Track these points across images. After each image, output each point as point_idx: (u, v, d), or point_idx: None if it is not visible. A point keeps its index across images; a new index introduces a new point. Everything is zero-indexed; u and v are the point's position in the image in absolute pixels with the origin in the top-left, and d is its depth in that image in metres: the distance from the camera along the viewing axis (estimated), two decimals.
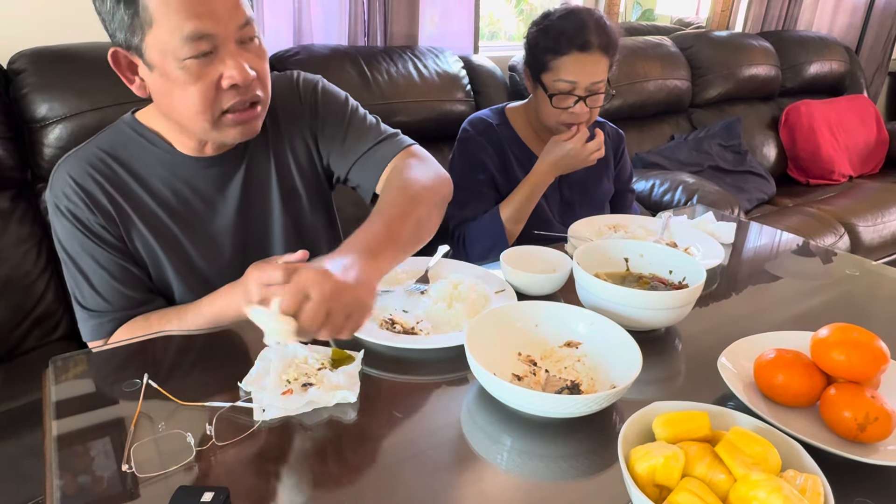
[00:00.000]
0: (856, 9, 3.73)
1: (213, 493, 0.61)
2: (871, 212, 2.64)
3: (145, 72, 0.90)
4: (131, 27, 0.85)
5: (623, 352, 0.82)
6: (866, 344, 0.75)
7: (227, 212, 1.05)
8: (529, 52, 1.44)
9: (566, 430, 0.76)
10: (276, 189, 1.08)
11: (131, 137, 1.01)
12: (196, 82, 0.86)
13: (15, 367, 1.45)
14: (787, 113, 3.15)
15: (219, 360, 0.90)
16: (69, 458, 0.68)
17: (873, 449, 0.72)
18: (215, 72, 0.87)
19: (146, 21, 0.83)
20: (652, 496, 0.57)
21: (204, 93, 0.87)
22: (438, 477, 0.69)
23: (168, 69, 0.86)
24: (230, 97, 0.89)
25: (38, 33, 1.66)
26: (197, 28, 0.83)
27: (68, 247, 0.98)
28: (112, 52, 0.89)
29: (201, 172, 1.02)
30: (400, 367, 0.87)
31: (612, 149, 1.65)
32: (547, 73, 1.39)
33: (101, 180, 0.98)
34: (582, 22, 1.35)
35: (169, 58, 0.85)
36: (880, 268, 1.30)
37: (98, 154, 0.99)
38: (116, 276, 0.99)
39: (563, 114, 1.41)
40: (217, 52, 0.87)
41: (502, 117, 1.54)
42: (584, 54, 1.35)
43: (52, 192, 0.98)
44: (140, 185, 1.00)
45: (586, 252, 1.06)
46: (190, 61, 0.85)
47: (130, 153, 1.00)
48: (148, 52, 0.86)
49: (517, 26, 3.34)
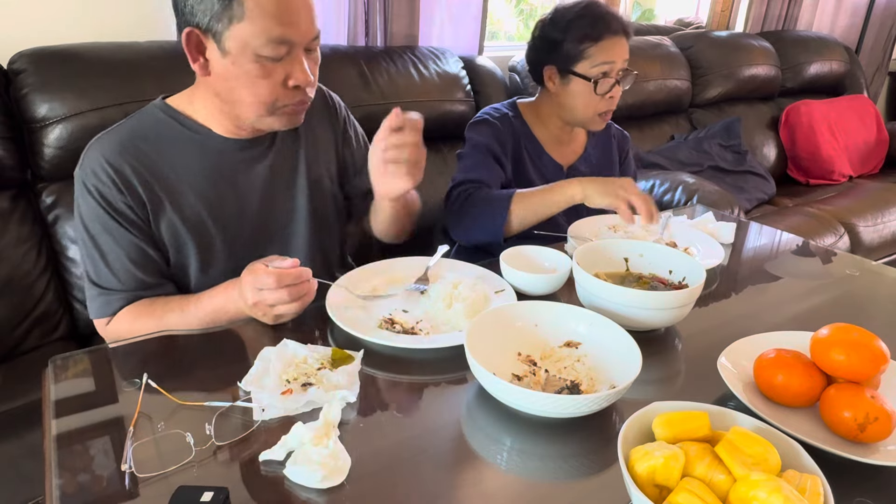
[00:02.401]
0: (856, 9, 3.73)
1: (213, 493, 0.61)
2: (871, 212, 2.64)
3: (215, 56, 0.96)
4: (219, 15, 0.92)
5: (623, 352, 0.82)
6: (866, 344, 0.75)
7: (253, 195, 1.11)
8: (554, 50, 1.43)
9: (566, 430, 0.76)
10: (303, 177, 1.16)
11: (163, 120, 1.06)
12: (266, 78, 0.96)
13: (15, 367, 1.45)
14: (787, 113, 3.15)
15: (219, 360, 0.90)
16: (69, 457, 0.68)
17: (873, 449, 0.72)
18: (283, 72, 0.97)
19: (237, 15, 0.92)
20: (652, 496, 0.57)
21: (271, 88, 0.97)
22: (438, 477, 0.69)
23: (243, 60, 0.94)
24: (290, 95, 1.00)
25: (38, 33, 1.66)
26: (283, 34, 0.94)
27: (90, 225, 1.02)
28: (188, 31, 0.95)
29: (232, 154, 1.09)
30: (400, 367, 0.87)
31: (617, 150, 1.66)
32: (583, 62, 1.40)
33: (133, 162, 1.02)
34: (602, 10, 1.40)
35: (248, 51, 0.94)
36: (880, 268, 1.30)
37: (131, 136, 1.03)
38: (133, 256, 1.02)
39: (602, 102, 1.43)
40: (289, 55, 0.97)
41: (515, 109, 1.55)
42: (616, 37, 1.40)
43: (82, 170, 1.02)
44: (171, 168, 1.04)
45: (586, 252, 1.06)
46: (266, 59, 0.95)
47: (163, 136, 1.05)
48: (228, 40, 0.93)
49: (517, 26, 3.34)
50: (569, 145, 1.58)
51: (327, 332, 0.95)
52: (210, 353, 0.92)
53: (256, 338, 0.92)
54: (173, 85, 1.59)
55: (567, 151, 1.58)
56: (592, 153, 1.60)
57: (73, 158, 1.52)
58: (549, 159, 1.54)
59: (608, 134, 1.64)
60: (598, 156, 1.61)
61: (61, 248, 1.56)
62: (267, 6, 0.91)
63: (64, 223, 1.55)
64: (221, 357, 0.91)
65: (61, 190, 1.56)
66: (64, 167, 1.55)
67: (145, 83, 1.57)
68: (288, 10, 0.93)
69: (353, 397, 0.78)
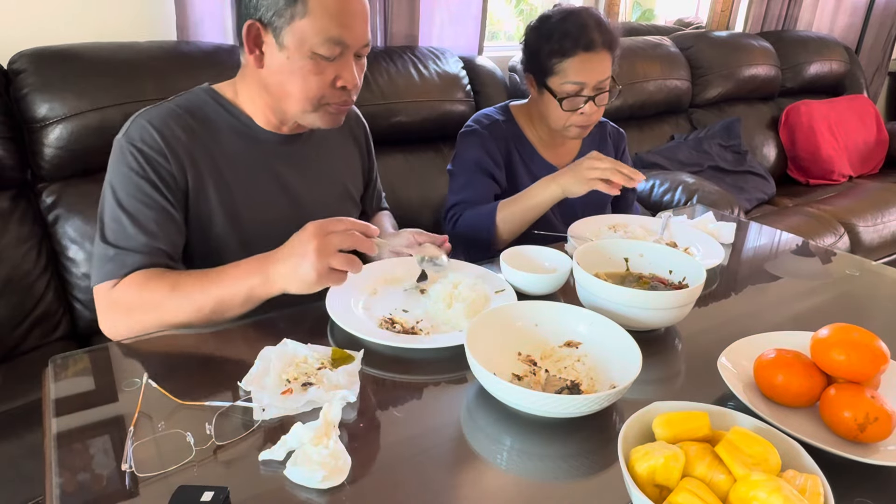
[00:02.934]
0: (856, 9, 3.73)
1: (213, 493, 0.61)
2: (871, 212, 2.64)
3: (271, 49, 1.00)
4: (282, 11, 0.97)
5: (623, 352, 0.82)
6: (866, 344, 0.75)
7: (286, 188, 1.14)
8: (531, 59, 1.42)
9: (566, 430, 0.76)
10: (330, 179, 1.21)
11: (209, 103, 1.10)
12: (318, 75, 1.01)
13: (15, 367, 1.45)
14: (787, 113, 3.15)
15: (219, 359, 0.90)
16: (69, 456, 0.68)
17: (873, 449, 0.72)
18: (333, 72, 1.02)
19: (300, 12, 0.97)
20: (652, 496, 0.57)
21: (320, 85, 1.02)
22: (438, 477, 0.69)
23: (297, 56, 0.99)
24: (336, 95, 1.04)
25: (38, 33, 1.66)
26: (341, 36, 0.99)
27: (123, 188, 1.00)
28: (249, 24, 1.00)
29: (272, 147, 1.12)
30: (400, 366, 0.87)
31: (613, 148, 1.65)
32: (553, 77, 1.37)
33: (181, 135, 1.04)
34: (582, 21, 1.35)
35: (304, 47, 0.98)
36: (880, 268, 1.30)
37: (179, 112, 1.06)
38: (160, 222, 1.01)
39: (574, 116, 1.39)
40: (341, 56, 1.01)
41: (507, 114, 1.54)
42: (590, 53, 1.34)
43: (127, 135, 1.02)
44: (216, 148, 1.07)
45: (586, 252, 1.06)
46: (321, 57, 0.99)
47: (209, 117, 1.09)
48: (286, 35, 0.98)
49: (517, 26, 3.34)
50: (563, 146, 1.57)
51: (327, 332, 0.95)
52: (210, 353, 0.92)
53: (256, 338, 0.92)
54: (173, 85, 1.61)
55: (561, 152, 1.56)
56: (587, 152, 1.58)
57: (74, 158, 1.54)
58: (543, 162, 1.53)
59: (603, 132, 1.63)
60: None
61: (61, 248, 1.56)
62: (330, 7, 0.97)
63: (64, 223, 1.55)
64: (221, 357, 0.91)
65: (61, 190, 1.56)
66: (64, 167, 1.55)
67: (145, 83, 1.57)
68: (348, 14, 0.99)
69: (353, 397, 0.78)
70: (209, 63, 1.69)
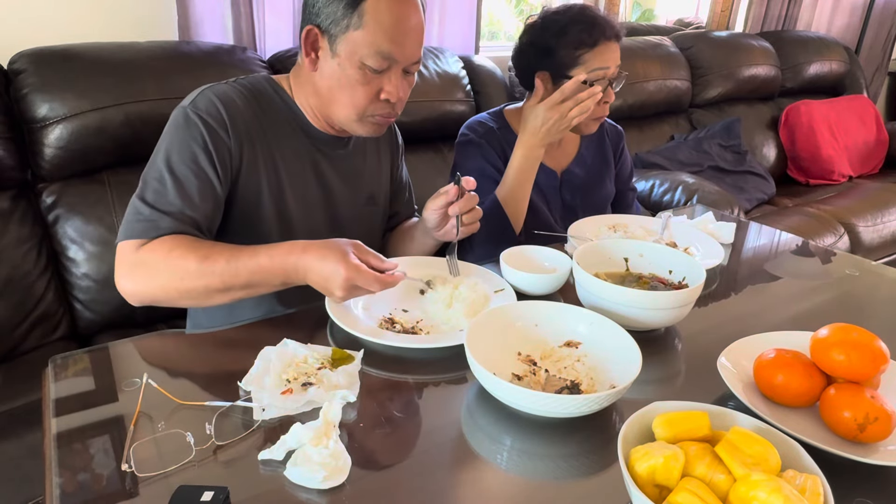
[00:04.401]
0: (855, 9, 3.73)
1: (213, 493, 0.61)
2: (871, 212, 2.65)
3: (325, 55, 1.04)
4: (339, 21, 1.00)
5: (623, 352, 0.82)
6: (866, 344, 0.75)
7: (326, 186, 1.17)
8: (544, 56, 1.40)
9: (566, 430, 0.76)
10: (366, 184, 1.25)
11: (269, 91, 1.13)
12: (364, 86, 1.04)
13: (15, 367, 1.45)
14: (786, 113, 3.15)
15: (219, 359, 0.90)
16: (69, 456, 0.68)
17: (873, 449, 0.72)
18: (379, 84, 1.05)
19: (355, 24, 1.00)
20: (652, 496, 0.57)
21: (365, 96, 1.05)
22: (438, 477, 0.69)
23: (347, 65, 1.03)
24: (381, 107, 1.08)
25: (38, 33, 1.66)
26: (391, 51, 1.02)
27: (178, 151, 1.01)
28: (308, 28, 1.04)
29: (320, 144, 1.16)
30: (400, 366, 0.87)
31: (612, 147, 1.64)
32: (578, 68, 1.38)
33: (244, 112, 1.06)
34: (592, 14, 1.39)
35: (354, 58, 1.02)
36: (880, 268, 1.30)
37: (244, 92, 1.09)
38: (203, 193, 1.00)
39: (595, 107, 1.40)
40: (388, 70, 1.05)
41: (501, 120, 1.53)
42: (611, 42, 1.39)
43: (193, 104, 1.04)
44: (273, 135, 1.10)
45: (586, 252, 1.06)
46: (369, 69, 1.03)
47: (270, 105, 1.12)
48: (340, 44, 1.02)
49: (517, 26, 3.34)
50: (560, 148, 1.55)
51: (327, 332, 0.95)
52: (210, 353, 0.92)
53: (256, 338, 0.92)
54: (173, 85, 1.61)
55: (559, 155, 1.55)
56: (586, 154, 1.58)
57: (74, 158, 1.54)
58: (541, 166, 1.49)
59: (601, 132, 1.62)
60: (593, 156, 1.59)
61: (61, 248, 1.56)
62: (384, 22, 1.00)
63: (64, 223, 1.55)
64: (221, 357, 0.91)
65: (61, 190, 1.56)
66: (64, 167, 1.55)
67: (145, 83, 1.57)
68: (400, 30, 1.02)
69: (353, 397, 0.78)
70: (209, 63, 1.69)
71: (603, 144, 1.62)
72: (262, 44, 1.99)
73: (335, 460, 0.66)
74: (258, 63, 1.81)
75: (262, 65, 1.82)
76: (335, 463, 0.66)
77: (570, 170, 1.55)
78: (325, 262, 0.90)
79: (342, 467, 0.67)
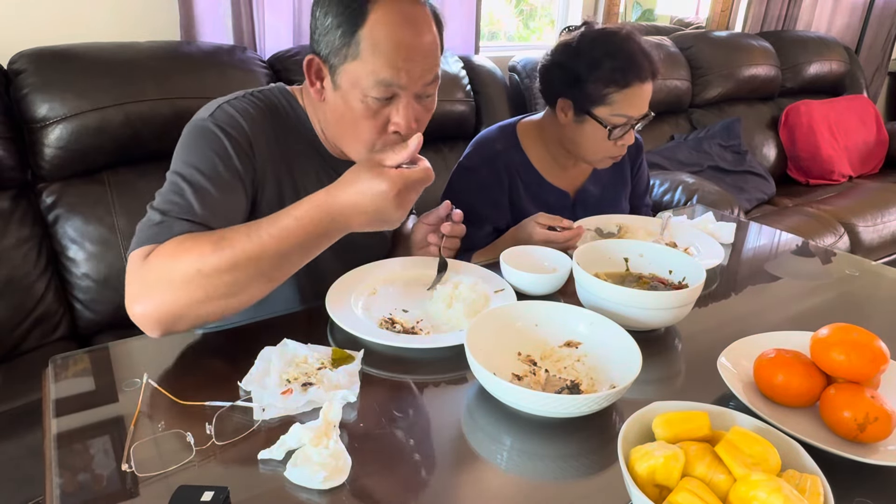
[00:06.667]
0: (855, 9, 3.73)
1: (213, 493, 0.61)
2: (871, 212, 2.65)
3: (329, 87, 0.99)
4: (338, 51, 0.94)
5: (623, 352, 0.82)
6: (866, 344, 0.75)
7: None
8: (571, 84, 1.30)
9: (566, 430, 0.76)
10: None
11: (285, 108, 1.08)
12: (370, 119, 0.97)
13: (15, 367, 1.45)
14: (786, 113, 3.15)
15: (219, 359, 0.90)
16: (69, 456, 0.69)
17: (873, 449, 0.72)
18: (387, 115, 0.97)
19: (353, 53, 0.93)
20: (652, 496, 0.57)
21: (373, 130, 0.98)
22: (438, 477, 0.69)
23: (350, 98, 0.96)
24: (392, 139, 0.99)
25: (38, 33, 1.66)
26: (391, 78, 0.93)
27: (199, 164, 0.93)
28: (309, 58, 0.99)
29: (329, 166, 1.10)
30: (400, 366, 0.87)
31: (630, 161, 1.54)
32: (604, 107, 1.29)
33: (263, 128, 1.01)
34: (636, 50, 1.28)
35: (356, 90, 0.94)
36: (880, 268, 1.30)
37: (262, 106, 1.03)
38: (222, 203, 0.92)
39: (613, 147, 1.33)
40: (396, 98, 0.96)
41: (512, 139, 1.43)
42: (644, 84, 1.30)
43: (214, 118, 0.97)
44: (289, 155, 1.05)
45: (586, 252, 1.06)
46: (372, 100, 0.95)
47: (286, 122, 1.07)
48: (340, 75, 0.95)
49: (517, 26, 3.34)
50: (574, 168, 1.47)
51: (327, 332, 0.95)
52: (210, 353, 0.92)
53: (256, 338, 0.92)
54: (173, 85, 1.61)
55: (572, 175, 1.48)
56: (603, 172, 1.49)
57: (74, 158, 1.54)
58: (551, 187, 1.44)
59: None
60: (609, 174, 1.51)
61: (61, 249, 1.56)
62: (381, 49, 0.92)
63: (64, 223, 1.55)
64: (221, 357, 0.91)
65: (61, 190, 1.56)
66: (64, 167, 1.55)
67: (145, 83, 1.57)
68: (402, 55, 0.92)
69: (353, 397, 0.78)
70: (209, 63, 1.69)
71: (621, 160, 1.47)
72: (262, 44, 1.99)
73: (335, 460, 0.66)
74: (258, 63, 1.81)
75: (262, 65, 1.82)
76: (335, 463, 0.66)
77: (584, 189, 1.49)
78: (359, 184, 0.83)
79: (342, 467, 0.67)
